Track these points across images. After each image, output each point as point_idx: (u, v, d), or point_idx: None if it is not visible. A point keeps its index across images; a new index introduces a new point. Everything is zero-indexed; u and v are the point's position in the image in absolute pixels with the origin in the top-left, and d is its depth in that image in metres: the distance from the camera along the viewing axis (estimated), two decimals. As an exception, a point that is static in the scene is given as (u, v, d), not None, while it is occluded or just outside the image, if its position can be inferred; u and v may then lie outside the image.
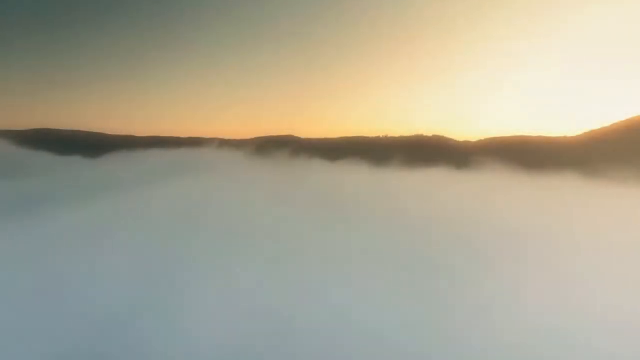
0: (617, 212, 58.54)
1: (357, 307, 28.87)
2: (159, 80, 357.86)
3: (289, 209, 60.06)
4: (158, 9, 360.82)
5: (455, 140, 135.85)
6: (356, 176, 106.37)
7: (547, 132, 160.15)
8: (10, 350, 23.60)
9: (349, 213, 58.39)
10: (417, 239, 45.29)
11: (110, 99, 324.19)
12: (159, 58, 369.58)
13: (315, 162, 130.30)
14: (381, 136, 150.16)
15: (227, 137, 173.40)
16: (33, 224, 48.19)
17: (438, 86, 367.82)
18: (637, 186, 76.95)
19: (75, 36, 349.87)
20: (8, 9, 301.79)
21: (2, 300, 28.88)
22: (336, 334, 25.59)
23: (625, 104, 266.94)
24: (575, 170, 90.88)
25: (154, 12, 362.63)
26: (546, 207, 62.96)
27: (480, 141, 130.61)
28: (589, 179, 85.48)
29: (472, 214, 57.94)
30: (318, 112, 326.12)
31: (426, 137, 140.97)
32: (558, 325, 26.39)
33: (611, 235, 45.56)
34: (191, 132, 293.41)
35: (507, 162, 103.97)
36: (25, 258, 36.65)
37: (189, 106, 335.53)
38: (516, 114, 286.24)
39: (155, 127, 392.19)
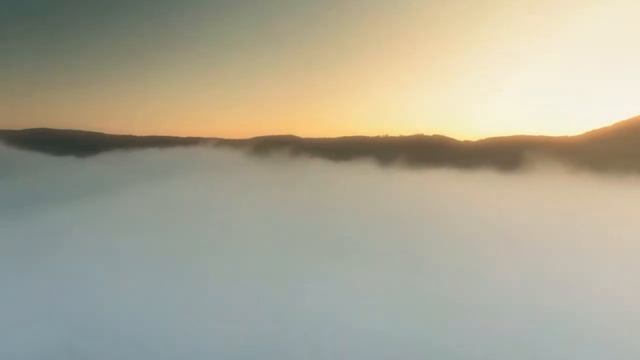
0: (618, 212, 58.27)
1: (358, 308, 28.52)
2: (158, 80, 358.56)
3: (288, 208, 59.79)
4: (158, 9, 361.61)
5: (456, 140, 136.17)
6: (356, 176, 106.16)
7: (547, 132, 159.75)
8: (5, 349, 23.23)
9: (349, 213, 58.09)
10: (418, 239, 45.06)
11: (109, 99, 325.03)
12: (158, 58, 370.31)
13: (315, 162, 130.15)
14: (381, 136, 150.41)
15: (227, 137, 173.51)
16: (31, 223, 48.25)
17: (438, 86, 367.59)
18: (638, 186, 76.67)
19: (75, 36, 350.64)
20: (8, 9, 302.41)
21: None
22: (337, 335, 25.21)
23: (625, 104, 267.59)
24: (577, 170, 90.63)
25: (154, 12, 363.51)
26: (548, 207, 62.72)
27: (481, 141, 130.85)
28: (590, 179, 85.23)
29: (474, 214, 57.74)
30: (318, 112, 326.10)
31: (427, 136, 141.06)
32: (557, 324, 25.99)
33: (611, 235, 45.28)
34: (191, 132, 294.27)
35: (508, 162, 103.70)
36: (22, 257, 36.42)
37: (189, 106, 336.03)
38: (516, 114, 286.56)
39: (155, 127, 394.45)
